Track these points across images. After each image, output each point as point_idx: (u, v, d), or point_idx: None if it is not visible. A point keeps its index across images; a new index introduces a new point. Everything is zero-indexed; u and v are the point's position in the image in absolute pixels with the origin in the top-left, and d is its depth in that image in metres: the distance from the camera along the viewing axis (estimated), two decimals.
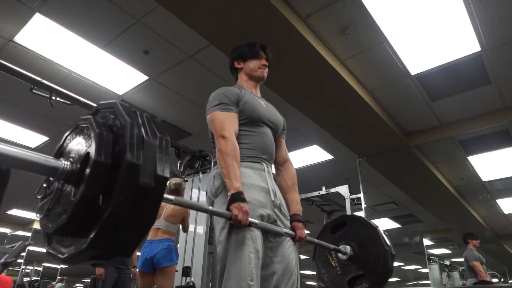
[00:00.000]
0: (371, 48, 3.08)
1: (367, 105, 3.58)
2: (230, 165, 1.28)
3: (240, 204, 1.20)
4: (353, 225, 1.82)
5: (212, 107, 1.42)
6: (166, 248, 3.01)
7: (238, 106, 1.45)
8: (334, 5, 2.63)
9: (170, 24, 2.87)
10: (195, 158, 3.87)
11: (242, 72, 1.63)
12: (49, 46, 3.21)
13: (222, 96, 1.44)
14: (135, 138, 0.62)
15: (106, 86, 3.76)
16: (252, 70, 1.59)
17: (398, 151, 4.47)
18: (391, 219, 7.74)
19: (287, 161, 1.65)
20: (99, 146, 0.60)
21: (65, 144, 0.72)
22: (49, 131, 4.68)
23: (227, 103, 1.42)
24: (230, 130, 1.35)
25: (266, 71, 1.61)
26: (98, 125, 0.64)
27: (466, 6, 2.64)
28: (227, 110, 1.41)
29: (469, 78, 3.45)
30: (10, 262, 3.10)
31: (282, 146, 1.66)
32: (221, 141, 1.32)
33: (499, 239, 8.37)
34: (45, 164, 0.65)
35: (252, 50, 1.59)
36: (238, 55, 1.63)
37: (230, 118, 1.40)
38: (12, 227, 9.31)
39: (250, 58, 1.60)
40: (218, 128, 1.36)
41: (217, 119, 1.39)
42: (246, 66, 1.61)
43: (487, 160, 4.93)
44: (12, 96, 3.91)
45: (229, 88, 1.52)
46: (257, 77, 1.60)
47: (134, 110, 0.67)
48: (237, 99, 1.46)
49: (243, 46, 1.63)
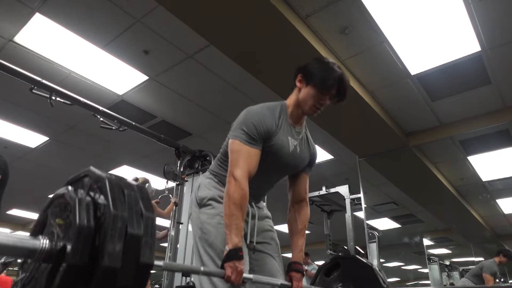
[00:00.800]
0: (371, 48, 3.08)
1: (367, 105, 3.58)
2: (234, 215, 1.17)
3: (235, 263, 1.11)
4: (347, 265, 1.73)
5: (236, 133, 1.27)
6: None
7: (265, 142, 1.28)
8: (334, 5, 2.63)
9: (170, 24, 2.87)
10: (195, 158, 3.87)
11: (297, 93, 1.38)
12: (49, 46, 3.21)
13: (252, 126, 1.26)
14: (117, 234, 0.57)
15: (106, 86, 3.76)
16: (305, 101, 1.35)
17: (398, 151, 4.47)
18: (391, 219, 7.74)
19: (303, 201, 1.48)
20: (76, 243, 0.55)
21: (45, 219, 0.66)
22: (49, 131, 4.68)
23: (253, 137, 1.25)
24: (244, 170, 1.21)
25: (318, 111, 1.37)
26: (80, 212, 0.58)
27: (466, 6, 2.64)
28: (250, 144, 1.25)
29: (469, 78, 3.45)
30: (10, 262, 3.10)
31: (302, 183, 1.48)
32: (231, 182, 1.20)
33: (499, 239, 8.36)
34: (21, 246, 0.58)
35: (324, 81, 1.31)
36: (307, 73, 1.36)
37: (250, 155, 1.25)
38: (12, 227, 9.31)
39: (314, 86, 1.33)
40: (233, 163, 1.23)
41: (235, 151, 1.25)
42: (304, 91, 1.35)
43: (487, 160, 4.93)
44: (12, 96, 3.91)
45: (266, 114, 1.31)
46: (305, 111, 1.38)
47: (123, 187, 0.62)
48: (268, 134, 1.28)
49: (320, 67, 1.35)
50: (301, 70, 1.39)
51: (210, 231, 1.28)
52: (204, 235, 1.28)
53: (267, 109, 1.33)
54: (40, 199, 7.29)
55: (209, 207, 1.33)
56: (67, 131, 4.65)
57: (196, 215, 1.36)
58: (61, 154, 5.34)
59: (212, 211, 1.32)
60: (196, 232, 1.34)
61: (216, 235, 1.26)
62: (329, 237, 4.69)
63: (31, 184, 6.53)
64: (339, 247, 3.76)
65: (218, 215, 1.30)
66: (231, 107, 4.01)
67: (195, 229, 1.34)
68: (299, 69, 1.40)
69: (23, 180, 6.24)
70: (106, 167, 5.78)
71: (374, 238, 4.52)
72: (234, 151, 1.25)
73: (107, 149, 5.15)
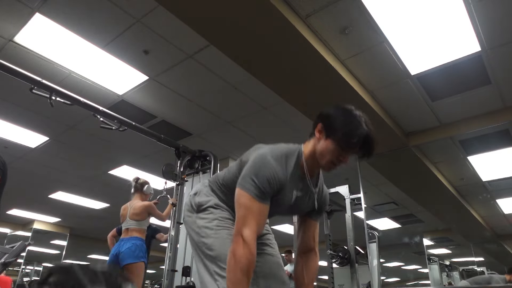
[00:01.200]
0: (371, 48, 3.08)
1: (367, 105, 3.58)
2: (239, 282, 1.07)
3: None
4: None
5: (247, 185, 1.15)
6: (131, 245, 3.20)
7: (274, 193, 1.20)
8: (334, 5, 2.63)
9: (170, 24, 2.87)
10: (195, 158, 3.87)
11: (315, 143, 1.23)
12: (49, 46, 3.21)
13: (265, 181, 1.15)
14: None
15: (106, 86, 3.76)
16: (322, 155, 1.21)
17: (398, 151, 4.47)
18: (391, 219, 7.74)
19: (312, 251, 1.39)
20: None
21: None
22: (49, 131, 4.68)
23: (265, 193, 1.16)
24: (254, 231, 1.12)
25: (335, 168, 1.25)
26: None
27: (466, 6, 2.64)
28: (261, 200, 1.15)
29: (469, 78, 3.45)
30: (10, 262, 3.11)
31: (310, 230, 1.39)
32: (239, 243, 1.10)
33: (499, 239, 8.36)
34: None
35: (347, 138, 1.16)
36: (329, 125, 1.20)
37: (261, 212, 1.16)
38: (12, 227, 9.31)
39: (335, 141, 1.18)
40: (242, 220, 1.13)
41: (245, 207, 1.15)
42: (323, 144, 1.20)
43: (487, 160, 4.92)
44: (12, 96, 3.91)
45: (280, 167, 1.19)
46: (321, 165, 1.24)
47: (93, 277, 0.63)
48: (279, 189, 1.20)
49: (344, 120, 1.18)
50: (322, 119, 1.23)
51: (208, 234, 1.28)
52: (202, 239, 1.29)
53: (281, 160, 1.21)
54: (40, 199, 7.30)
55: (207, 212, 1.34)
56: (67, 131, 4.65)
57: (191, 220, 1.36)
58: (61, 154, 5.34)
59: (211, 216, 1.32)
60: (193, 237, 1.34)
61: (215, 238, 1.27)
62: (329, 237, 4.68)
63: (31, 184, 6.53)
64: (339, 247, 3.75)
65: (217, 219, 1.31)
66: (231, 107, 4.02)
67: (192, 234, 1.35)
68: (321, 117, 1.23)
69: (23, 180, 6.24)
70: (106, 167, 5.79)
71: (374, 238, 4.52)
72: (244, 207, 1.15)
73: (107, 149, 5.15)
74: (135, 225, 3.37)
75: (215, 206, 1.35)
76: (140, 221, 3.40)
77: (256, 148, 1.27)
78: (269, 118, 4.21)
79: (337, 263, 3.67)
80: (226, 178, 1.34)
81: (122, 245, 3.26)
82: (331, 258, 3.67)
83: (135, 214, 3.40)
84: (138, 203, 3.47)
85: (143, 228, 3.42)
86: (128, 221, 3.40)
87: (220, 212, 1.33)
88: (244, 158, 1.27)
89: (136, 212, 3.40)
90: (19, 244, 3.27)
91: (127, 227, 3.38)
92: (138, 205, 3.44)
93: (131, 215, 3.40)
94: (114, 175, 6.02)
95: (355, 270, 3.55)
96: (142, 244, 3.32)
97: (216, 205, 1.35)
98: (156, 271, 12.86)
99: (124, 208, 3.53)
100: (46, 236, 9.45)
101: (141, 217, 3.40)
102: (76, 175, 6.12)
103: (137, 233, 3.35)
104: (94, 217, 8.36)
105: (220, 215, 1.32)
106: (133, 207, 3.45)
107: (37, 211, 8.29)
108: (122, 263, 3.17)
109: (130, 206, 3.48)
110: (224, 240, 1.25)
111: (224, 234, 1.27)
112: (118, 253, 3.22)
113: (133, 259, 3.17)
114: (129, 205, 3.51)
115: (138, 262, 3.20)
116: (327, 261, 3.84)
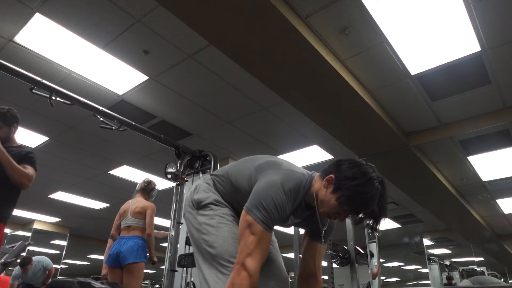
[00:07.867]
0: (371, 48, 3.08)
1: (367, 105, 3.58)
2: None
3: None
4: None
5: (259, 214, 1.12)
6: (133, 245, 3.15)
7: None
8: (334, 5, 2.63)
9: (170, 24, 2.87)
10: (195, 158, 3.87)
11: (323, 191, 1.19)
12: (49, 46, 3.21)
13: (276, 213, 1.13)
14: None
15: (106, 86, 3.76)
16: (322, 205, 1.19)
17: (398, 151, 4.46)
18: (391, 219, 7.74)
19: (312, 277, 1.34)
20: None
21: None
22: (49, 131, 4.68)
23: (274, 222, 1.14)
24: (258, 262, 1.09)
25: (329, 219, 1.24)
26: None
27: (466, 6, 2.64)
28: (269, 230, 1.14)
29: (469, 78, 3.45)
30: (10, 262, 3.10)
31: (311, 251, 1.36)
32: (241, 274, 1.05)
33: (499, 239, 8.35)
34: None
35: (354, 210, 1.14)
36: (338, 181, 1.15)
37: (267, 242, 1.14)
38: (12, 227, 9.30)
39: (338, 200, 1.14)
40: (247, 249, 1.09)
41: (254, 235, 1.11)
42: (327, 195, 1.17)
43: (487, 160, 4.92)
44: (12, 96, 3.91)
45: (290, 201, 1.17)
46: (318, 208, 1.20)
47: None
48: (283, 218, 1.20)
49: (354, 185, 1.12)
50: (337, 171, 1.18)
51: (209, 231, 1.29)
52: (203, 235, 1.29)
53: (291, 195, 1.18)
54: (40, 199, 7.30)
55: (207, 209, 1.34)
56: (67, 131, 4.65)
57: (192, 217, 1.36)
58: (61, 154, 5.34)
59: (211, 212, 1.33)
60: (193, 233, 1.34)
61: (217, 235, 1.27)
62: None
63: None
64: (339, 247, 3.75)
65: (217, 215, 1.31)
66: (231, 107, 4.02)
67: (193, 230, 1.35)
68: (336, 169, 1.19)
69: None
70: (106, 167, 5.79)
71: (374, 238, 4.52)
72: (251, 235, 1.10)
73: (107, 149, 5.15)
74: (137, 223, 3.33)
75: (215, 202, 1.35)
76: (143, 220, 3.37)
77: (272, 165, 1.25)
78: (269, 118, 4.21)
79: (337, 263, 3.67)
80: (235, 178, 1.33)
81: (123, 244, 3.21)
82: (331, 258, 3.67)
83: (137, 213, 3.36)
84: (143, 201, 3.45)
85: (144, 227, 3.39)
86: (129, 218, 3.35)
87: (221, 209, 1.34)
88: (257, 170, 1.25)
89: (140, 211, 3.36)
90: (19, 244, 3.27)
91: (128, 224, 3.33)
92: (142, 204, 3.40)
93: (133, 213, 3.37)
94: (114, 175, 6.02)
95: (355, 270, 3.55)
96: (144, 244, 3.30)
97: (216, 202, 1.35)
98: (156, 271, 12.86)
99: (126, 204, 3.52)
100: (46, 236, 9.45)
101: (143, 216, 3.38)
102: (76, 175, 6.12)
103: (139, 232, 3.31)
104: (94, 217, 8.36)
105: (220, 212, 1.33)
106: (135, 205, 3.42)
107: (37, 211, 8.29)
108: (123, 262, 3.13)
109: (133, 203, 3.45)
110: (225, 238, 1.25)
111: (225, 231, 1.28)
112: (118, 252, 3.17)
113: (134, 259, 3.13)
114: (132, 202, 3.49)
115: (139, 262, 3.17)
116: (327, 261, 3.84)
